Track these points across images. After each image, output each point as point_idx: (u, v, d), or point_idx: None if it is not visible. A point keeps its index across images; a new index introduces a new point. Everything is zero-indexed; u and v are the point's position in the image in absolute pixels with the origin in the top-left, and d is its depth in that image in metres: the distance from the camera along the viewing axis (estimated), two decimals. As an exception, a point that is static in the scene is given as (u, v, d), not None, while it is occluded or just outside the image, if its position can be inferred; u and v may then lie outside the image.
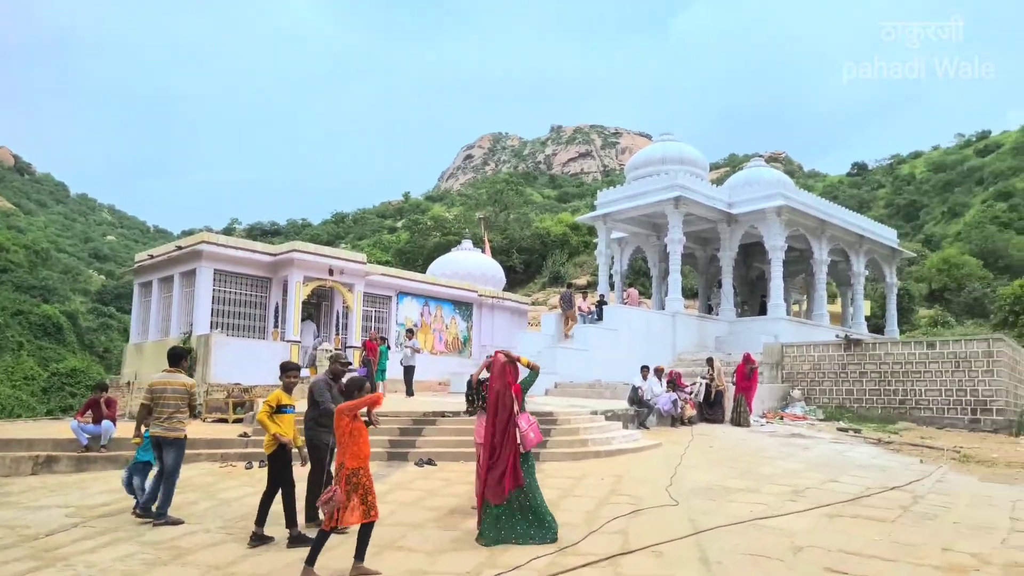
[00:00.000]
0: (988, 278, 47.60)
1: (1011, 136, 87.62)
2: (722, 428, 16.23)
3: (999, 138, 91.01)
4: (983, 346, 18.15)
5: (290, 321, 22.06)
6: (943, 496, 9.33)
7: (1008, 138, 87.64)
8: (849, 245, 28.42)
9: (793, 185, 28.25)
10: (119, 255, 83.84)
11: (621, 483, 9.72)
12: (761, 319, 25.80)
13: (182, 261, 22.05)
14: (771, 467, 11.29)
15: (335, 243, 72.94)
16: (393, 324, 25.92)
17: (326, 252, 23.79)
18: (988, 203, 68.34)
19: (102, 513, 8.37)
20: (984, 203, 69.29)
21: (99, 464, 11.27)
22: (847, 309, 31.45)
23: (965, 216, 68.26)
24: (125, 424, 15.00)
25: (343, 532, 6.52)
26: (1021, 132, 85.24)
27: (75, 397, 28.25)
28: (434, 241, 53.94)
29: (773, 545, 6.76)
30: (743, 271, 31.18)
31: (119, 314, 49.33)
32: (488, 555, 6.50)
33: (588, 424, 13.05)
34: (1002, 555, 6.56)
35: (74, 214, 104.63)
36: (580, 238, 54.76)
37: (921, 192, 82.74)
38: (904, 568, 6.15)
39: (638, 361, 17.25)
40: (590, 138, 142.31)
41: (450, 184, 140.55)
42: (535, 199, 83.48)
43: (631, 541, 6.86)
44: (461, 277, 30.03)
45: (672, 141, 29.13)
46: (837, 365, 20.17)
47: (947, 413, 18.19)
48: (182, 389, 8.14)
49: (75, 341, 39.51)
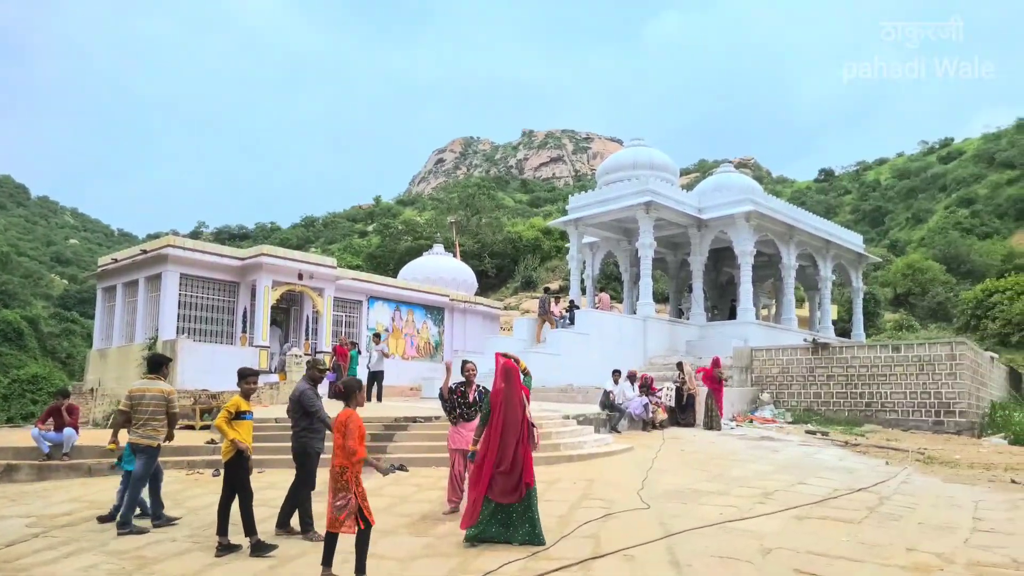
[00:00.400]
0: (951, 283, 48.50)
1: (973, 143, 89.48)
2: (693, 431, 16.35)
3: (961, 145, 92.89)
4: (946, 349, 18.47)
5: (258, 326, 21.83)
6: (908, 497, 9.46)
7: (970, 145, 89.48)
8: (817, 250, 28.78)
9: (762, 191, 28.57)
10: (82, 259, 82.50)
11: (593, 487, 9.73)
12: (731, 323, 26.02)
13: (147, 265, 21.73)
14: (741, 470, 11.38)
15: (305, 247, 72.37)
16: (364, 329, 25.75)
17: (295, 256, 23.59)
18: (951, 209, 69.70)
19: (64, 523, 8.19)
20: (947, 209, 70.67)
21: (61, 473, 11.04)
22: (815, 313, 31.83)
23: (929, 222, 69.54)
24: (88, 432, 14.74)
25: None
26: (983, 139, 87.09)
27: (36, 404, 27.63)
28: (405, 245, 53.74)
29: (743, 547, 6.81)
30: (713, 276, 31.43)
31: (82, 319, 48.49)
32: (460, 560, 6.47)
33: (560, 428, 13.06)
34: (964, 554, 6.67)
35: (35, 217, 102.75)
36: (552, 242, 54.88)
37: (886, 198, 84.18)
38: (870, 568, 6.22)
39: (610, 365, 17.32)
40: (562, 143, 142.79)
41: (421, 188, 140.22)
42: (507, 203, 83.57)
43: (603, 545, 6.86)
44: (433, 281, 29.93)
45: (643, 146, 29.32)
46: (805, 369, 20.40)
47: (912, 415, 18.47)
48: (160, 396, 7.95)
49: (37, 347, 38.77)
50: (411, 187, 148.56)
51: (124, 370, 21.34)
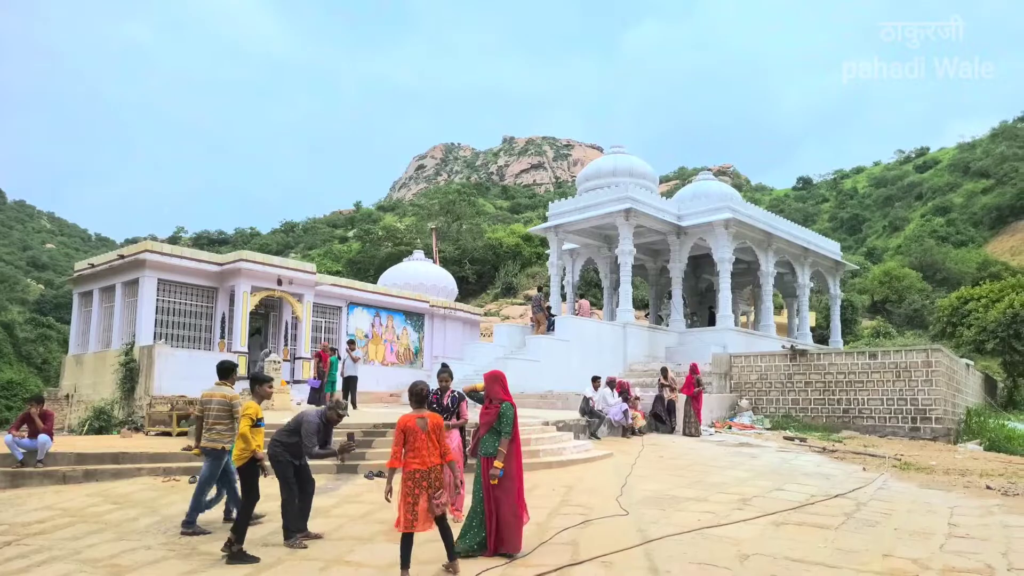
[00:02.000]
0: (927, 290, 49.09)
1: (948, 153, 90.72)
2: (672, 438, 16.41)
3: (937, 154, 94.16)
4: (922, 356, 18.65)
5: (237, 332, 21.66)
6: (884, 503, 9.54)
7: (945, 155, 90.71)
8: (795, 257, 29.02)
9: (741, 198, 28.76)
10: (58, 264, 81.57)
11: (572, 493, 9.74)
12: (710, 330, 26.16)
13: (124, 270, 21.50)
14: (719, 476, 11.43)
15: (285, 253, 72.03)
16: (343, 335, 25.62)
17: (274, 262, 23.43)
18: (927, 217, 70.62)
19: (37, 531, 8.07)
20: (923, 217, 71.58)
21: (35, 480, 10.88)
22: (793, 320, 32.09)
23: (905, 230, 70.41)
24: (63, 438, 14.57)
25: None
26: (958, 149, 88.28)
27: (11, 410, 27.37)
28: (386, 251, 53.62)
29: (721, 553, 6.83)
30: (692, 282, 31.61)
31: (58, 324, 47.87)
32: (437, 569, 6.43)
33: (540, 435, 13.05)
34: (940, 560, 6.74)
35: (11, 221, 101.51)
36: (532, 249, 54.95)
37: (863, 206, 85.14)
38: (847, 574, 6.27)
39: (589, 371, 17.34)
40: (542, 150, 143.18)
41: (402, 194, 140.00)
42: (487, 210, 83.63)
43: (581, 551, 6.86)
44: (413, 288, 29.85)
45: (623, 154, 29.45)
46: (783, 375, 20.54)
47: (888, 422, 18.64)
48: (224, 401, 8.17)
49: (12, 352, 38.29)
50: (392, 193, 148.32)
51: (100, 376, 21.08)
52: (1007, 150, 73.57)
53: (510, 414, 7.01)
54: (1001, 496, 10.34)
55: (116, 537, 7.67)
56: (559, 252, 28.03)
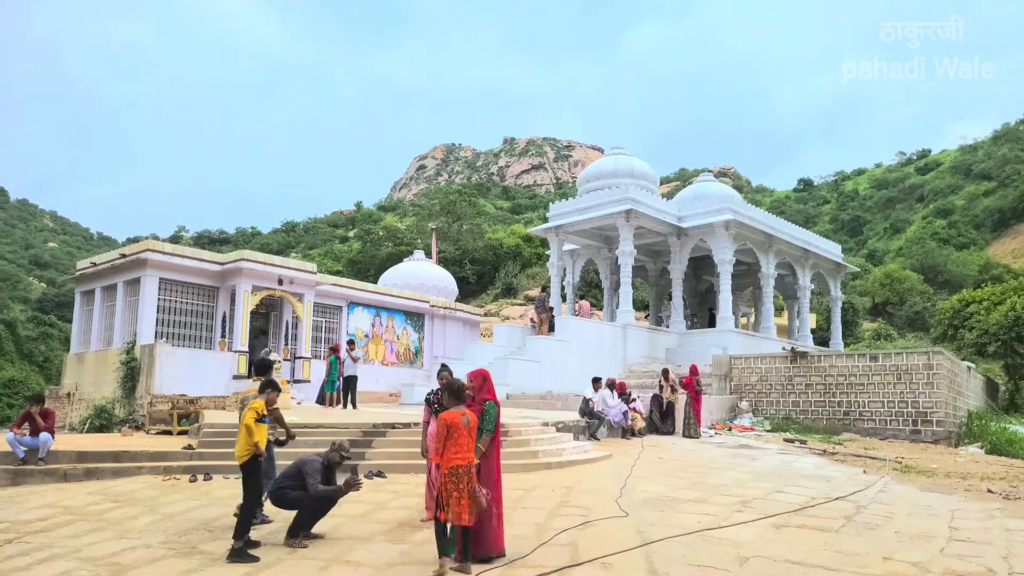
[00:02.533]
0: (928, 292, 49.08)
1: (950, 155, 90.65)
2: (671, 439, 16.39)
3: (938, 157, 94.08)
4: (923, 359, 18.63)
5: (237, 331, 21.69)
6: (885, 506, 9.53)
7: (947, 157, 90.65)
8: (795, 259, 29.01)
9: (741, 200, 28.76)
10: (61, 262, 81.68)
11: (571, 494, 9.73)
12: (710, 331, 26.16)
13: (126, 269, 21.54)
14: (719, 478, 11.42)
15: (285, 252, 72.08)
16: (343, 335, 25.64)
17: (275, 261, 23.46)
18: (928, 220, 70.58)
19: (39, 529, 8.08)
20: (924, 219, 71.53)
21: (37, 478, 10.89)
22: (793, 322, 32.08)
23: (906, 232, 70.37)
24: (64, 436, 14.59)
25: None
26: (960, 151, 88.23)
27: (13, 408, 27.41)
28: (386, 251, 53.63)
29: (720, 556, 6.83)
30: (693, 284, 31.60)
31: (60, 323, 47.98)
32: (436, 569, 6.43)
33: (539, 436, 13.05)
34: (940, 563, 6.73)
35: (14, 220, 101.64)
36: (533, 249, 54.95)
37: (864, 208, 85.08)
38: (847, 577, 6.26)
39: (589, 372, 17.34)
40: (543, 150, 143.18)
41: (403, 194, 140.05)
42: (488, 210, 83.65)
43: (580, 553, 6.85)
44: (413, 288, 29.87)
45: (623, 155, 29.46)
46: (784, 377, 20.53)
47: (889, 424, 18.62)
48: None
49: (14, 350, 38.33)
50: (392, 193, 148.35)
51: (101, 375, 21.11)
52: (1009, 152, 73.51)
53: (494, 412, 6.96)
54: (1002, 500, 10.33)
55: (116, 535, 7.67)
56: (559, 253, 28.04)
